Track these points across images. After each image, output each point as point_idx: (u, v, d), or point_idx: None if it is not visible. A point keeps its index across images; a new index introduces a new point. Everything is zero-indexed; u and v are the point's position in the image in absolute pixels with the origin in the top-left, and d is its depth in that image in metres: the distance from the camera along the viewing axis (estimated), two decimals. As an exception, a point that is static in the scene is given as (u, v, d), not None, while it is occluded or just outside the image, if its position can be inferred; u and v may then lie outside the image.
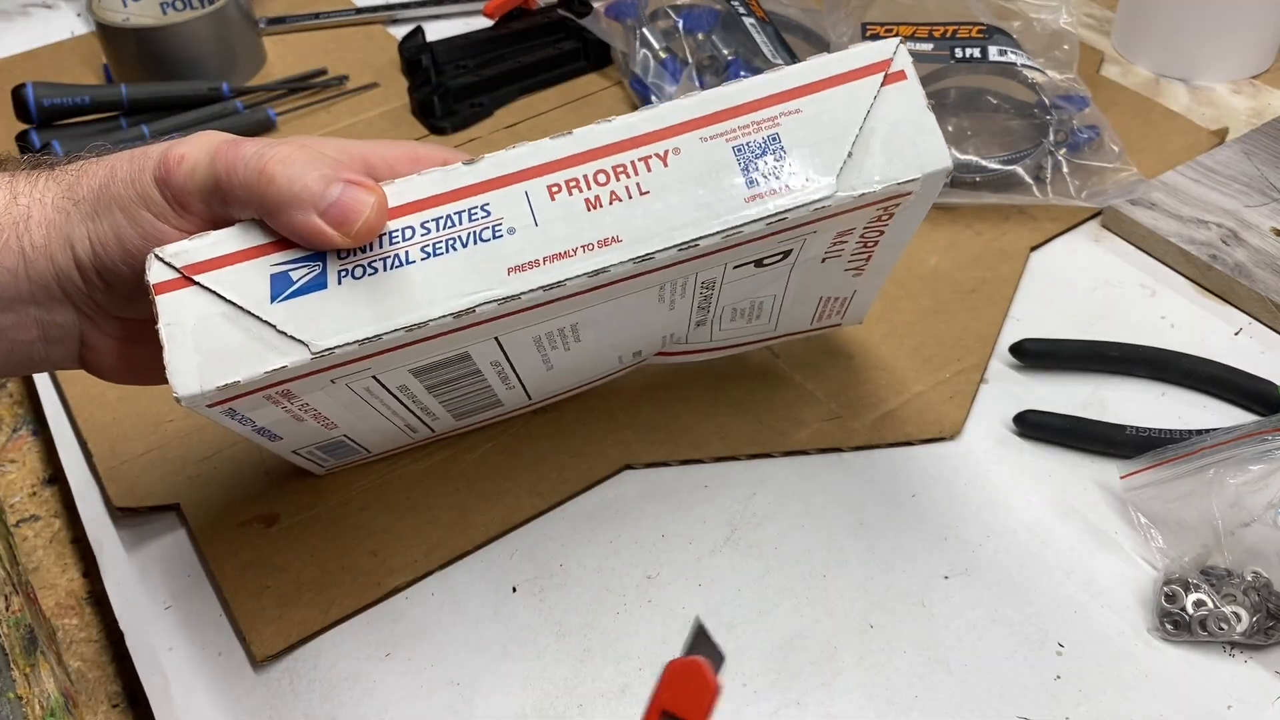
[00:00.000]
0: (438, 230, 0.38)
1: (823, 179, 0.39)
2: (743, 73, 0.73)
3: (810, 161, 0.39)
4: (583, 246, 0.38)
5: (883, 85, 0.40)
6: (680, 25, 0.76)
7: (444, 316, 0.37)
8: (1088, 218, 0.66)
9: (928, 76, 0.70)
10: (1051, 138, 0.66)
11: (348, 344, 0.37)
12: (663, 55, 0.76)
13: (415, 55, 0.82)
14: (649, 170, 0.39)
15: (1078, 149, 0.67)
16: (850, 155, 0.39)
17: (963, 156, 0.67)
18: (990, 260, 0.64)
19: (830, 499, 0.52)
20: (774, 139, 0.39)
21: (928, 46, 0.70)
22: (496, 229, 0.38)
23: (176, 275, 0.37)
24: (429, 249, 0.38)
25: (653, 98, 0.75)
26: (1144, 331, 0.59)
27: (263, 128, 0.78)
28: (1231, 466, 0.47)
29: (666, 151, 0.39)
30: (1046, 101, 0.68)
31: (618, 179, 0.39)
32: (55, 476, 0.59)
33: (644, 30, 0.77)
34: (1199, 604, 0.45)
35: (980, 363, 0.57)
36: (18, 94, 0.75)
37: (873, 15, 0.73)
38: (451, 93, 0.78)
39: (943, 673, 0.45)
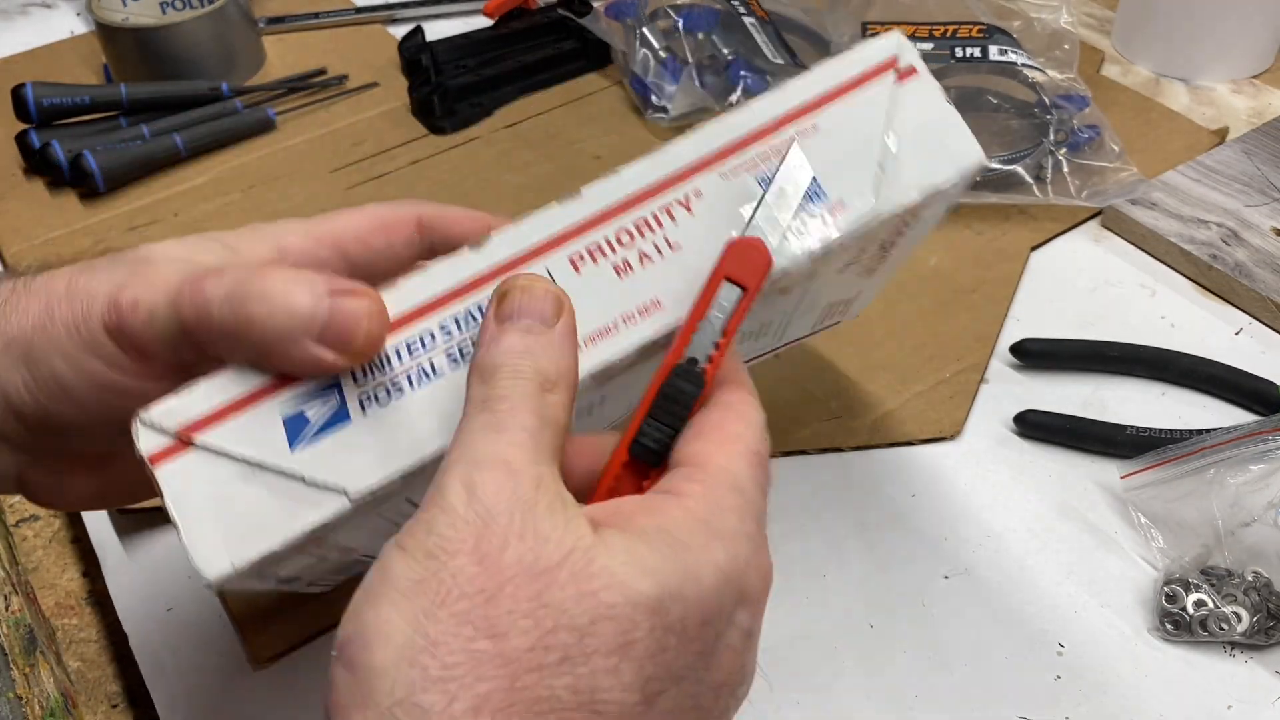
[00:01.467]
0: (460, 331, 0.34)
1: (859, 199, 0.36)
2: (743, 73, 0.73)
3: (841, 182, 0.36)
4: (622, 318, 0.35)
5: (896, 85, 0.38)
6: (680, 25, 0.76)
7: None
8: (1088, 217, 0.66)
9: (928, 76, 0.70)
10: (1052, 137, 0.66)
11: (390, 481, 0.33)
12: (663, 55, 0.76)
13: (415, 55, 0.82)
14: (673, 220, 0.36)
15: (1078, 149, 0.67)
16: (881, 168, 0.37)
17: (963, 156, 0.67)
18: (990, 260, 0.64)
19: (830, 499, 0.52)
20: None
21: (928, 46, 0.70)
22: None
23: (171, 440, 0.32)
24: (454, 354, 0.34)
25: (653, 97, 0.75)
26: (1144, 331, 0.59)
27: (263, 127, 0.78)
28: (1232, 466, 0.47)
29: (687, 197, 0.36)
30: (1047, 101, 0.68)
31: (643, 236, 0.35)
32: (55, 476, 0.59)
33: (644, 30, 0.77)
34: (1199, 604, 0.45)
35: (980, 362, 0.57)
36: (17, 94, 0.75)
37: (873, 15, 0.73)
38: (451, 92, 0.78)
39: (943, 673, 0.45)
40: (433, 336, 0.34)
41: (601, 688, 0.24)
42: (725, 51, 0.75)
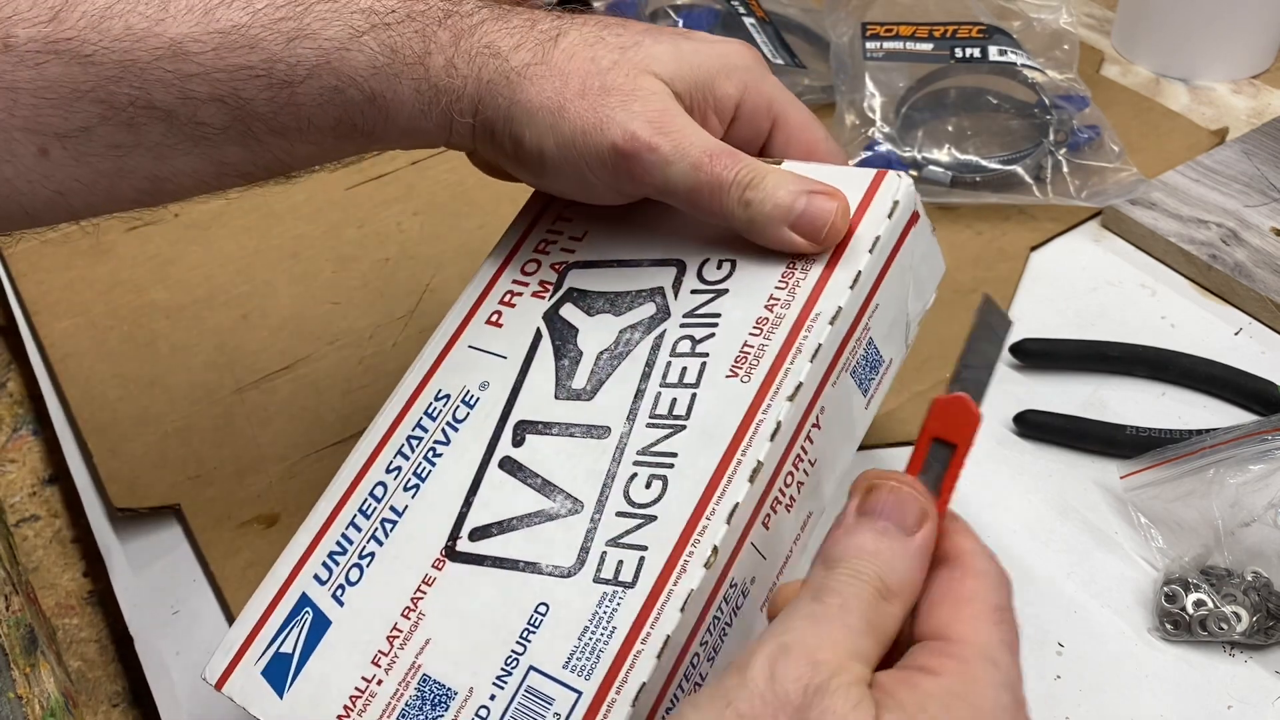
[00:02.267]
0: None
1: (897, 355, 0.42)
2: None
3: (888, 344, 0.41)
4: (793, 543, 0.38)
5: (912, 239, 0.41)
6: (680, 25, 0.76)
7: None
8: (1088, 218, 0.66)
9: (928, 76, 0.70)
10: (1051, 138, 0.66)
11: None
12: (663, 55, 0.76)
13: (415, 55, 0.82)
14: (812, 442, 0.38)
15: (1078, 149, 0.67)
16: (908, 326, 0.43)
17: (963, 156, 0.67)
18: (990, 260, 0.64)
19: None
20: (870, 343, 0.40)
21: (928, 46, 0.70)
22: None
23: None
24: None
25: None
26: (1144, 331, 0.59)
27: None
28: (1231, 466, 0.47)
29: (818, 418, 0.37)
30: (1046, 101, 0.68)
31: (798, 470, 0.37)
32: (55, 476, 0.59)
33: (644, 30, 0.77)
34: (1199, 604, 0.45)
35: (980, 363, 0.57)
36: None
37: (873, 15, 0.73)
38: (452, 93, 0.78)
39: (943, 673, 0.45)
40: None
41: None
42: (725, 52, 0.75)
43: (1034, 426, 0.53)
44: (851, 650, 0.28)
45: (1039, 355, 0.57)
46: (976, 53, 0.69)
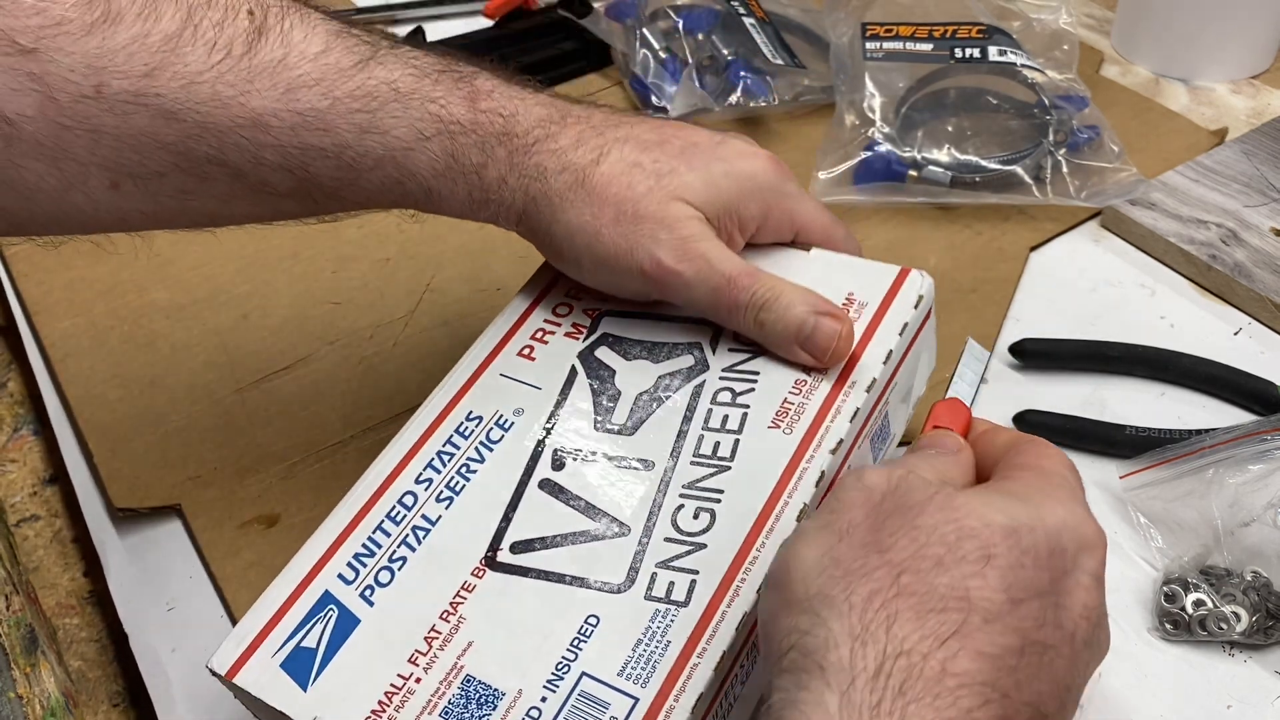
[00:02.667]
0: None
1: (899, 428, 0.46)
2: (743, 73, 0.73)
3: (895, 419, 0.45)
4: None
5: (925, 325, 0.46)
6: (680, 25, 0.76)
7: None
8: (1087, 218, 0.66)
9: (927, 77, 0.70)
10: (1051, 138, 0.66)
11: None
12: (663, 55, 0.76)
13: (415, 55, 0.82)
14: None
15: (1077, 149, 0.67)
16: (909, 404, 0.47)
17: (962, 156, 0.67)
18: (990, 260, 0.64)
19: (830, 499, 0.52)
20: (885, 416, 0.44)
21: (928, 46, 0.70)
22: None
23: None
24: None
25: (653, 98, 0.75)
26: (1144, 331, 0.59)
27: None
28: (1231, 466, 0.47)
29: (847, 466, 0.42)
30: (1046, 101, 0.68)
31: None
32: (56, 476, 0.59)
33: (644, 30, 0.77)
34: (1198, 604, 0.45)
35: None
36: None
37: (873, 15, 0.73)
38: (452, 93, 0.78)
39: (942, 672, 0.45)
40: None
41: (972, 587, 0.29)
42: (725, 52, 0.76)
43: (1034, 426, 0.53)
44: (925, 468, 0.35)
45: (1039, 355, 0.57)
46: (976, 53, 0.69)
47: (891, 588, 0.29)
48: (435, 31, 0.86)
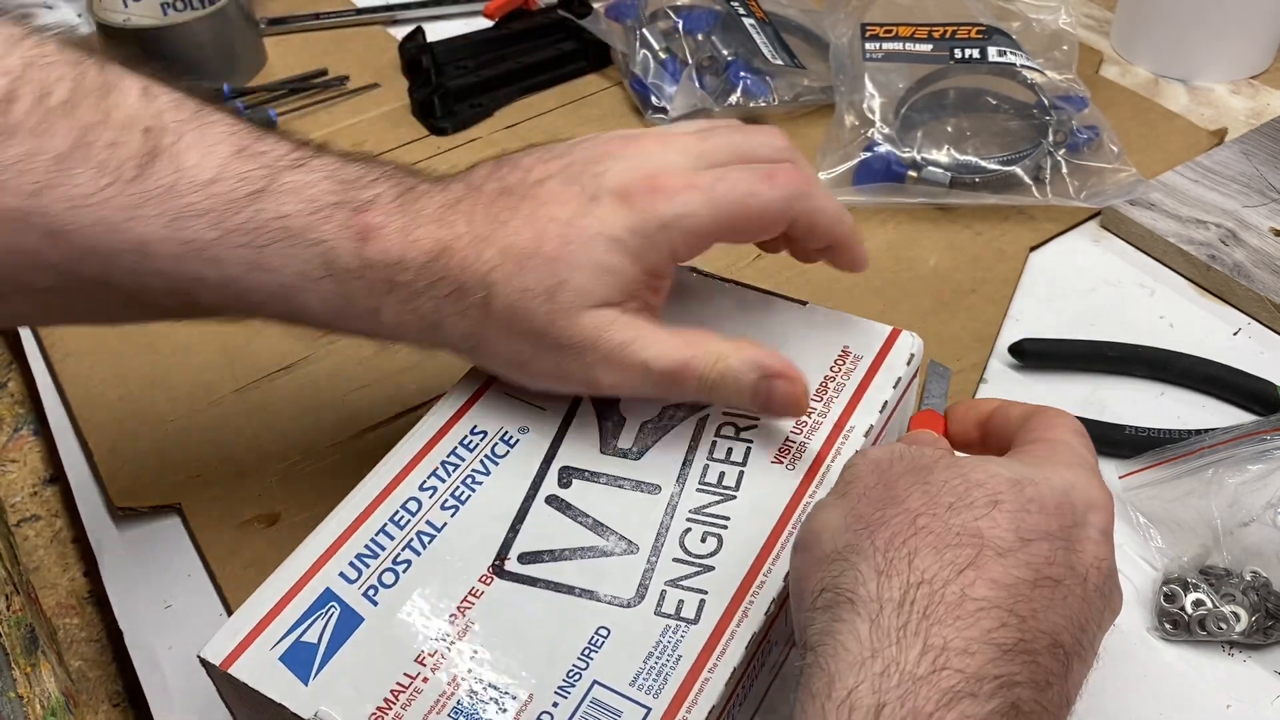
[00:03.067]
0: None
1: None
2: (743, 74, 0.73)
3: None
4: None
5: (913, 383, 0.48)
6: (680, 26, 0.76)
7: None
8: (1087, 218, 0.67)
9: (927, 77, 0.70)
10: (1051, 138, 0.66)
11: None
12: (663, 56, 0.76)
13: (415, 56, 0.82)
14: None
15: (1077, 149, 0.67)
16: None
17: (962, 157, 0.67)
18: (990, 260, 0.64)
19: (830, 499, 0.52)
20: None
21: (927, 47, 0.70)
22: None
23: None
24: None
25: (653, 98, 0.75)
26: (1143, 331, 0.59)
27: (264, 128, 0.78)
28: (1230, 466, 0.47)
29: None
30: (1046, 102, 0.68)
31: None
32: (56, 476, 0.59)
33: (644, 31, 0.77)
34: (1198, 603, 0.45)
35: (979, 363, 0.58)
36: (18, 94, 0.75)
37: (872, 16, 0.73)
38: (451, 93, 0.78)
39: (942, 672, 0.45)
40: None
41: (984, 526, 0.31)
42: (725, 52, 0.76)
43: (1033, 426, 0.53)
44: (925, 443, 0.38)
45: (1038, 355, 0.57)
46: (976, 53, 0.69)
47: (909, 528, 0.32)
48: (435, 32, 0.86)
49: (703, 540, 0.40)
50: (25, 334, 0.63)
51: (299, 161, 0.40)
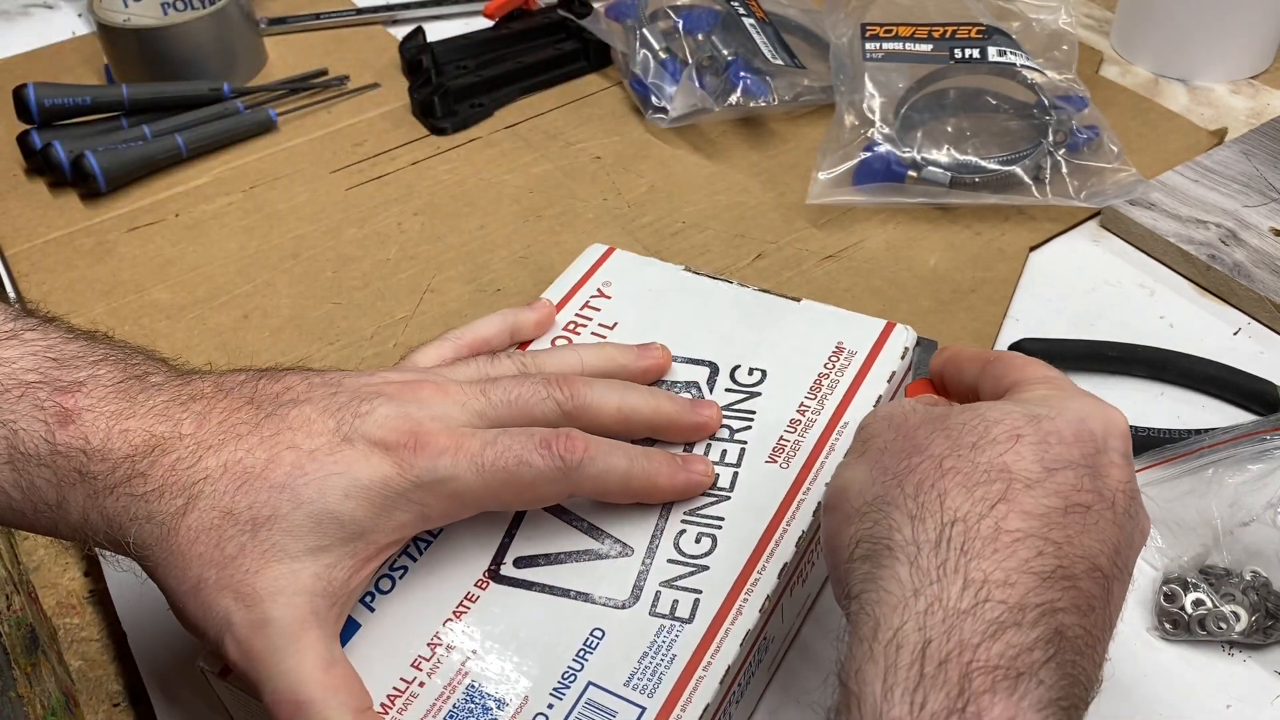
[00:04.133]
0: None
1: None
2: (743, 74, 0.73)
3: None
4: (805, 602, 0.45)
5: (905, 378, 0.48)
6: (680, 26, 0.76)
7: None
8: (1087, 218, 0.67)
9: (927, 77, 0.70)
10: (1050, 138, 0.66)
11: None
12: (663, 55, 0.76)
13: (415, 56, 0.82)
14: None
15: (1077, 149, 0.67)
16: None
17: (962, 157, 0.67)
18: (989, 260, 0.64)
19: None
20: None
21: (927, 47, 0.70)
22: None
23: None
24: None
25: (653, 98, 0.75)
26: (1143, 331, 0.59)
27: (264, 128, 0.78)
28: (1230, 466, 0.47)
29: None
30: (1046, 102, 0.68)
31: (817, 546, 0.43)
32: (56, 476, 0.59)
33: (644, 31, 0.77)
34: (1198, 603, 0.45)
35: (979, 363, 0.58)
36: (19, 94, 0.75)
37: (872, 16, 0.73)
38: (452, 93, 0.78)
39: (942, 672, 0.45)
40: None
41: (1009, 462, 0.32)
42: (725, 52, 0.76)
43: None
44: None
45: (1038, 355, 0.57)
46: (976, 53, 0.69)
47: (936, 471, 0.32)
48: (435, 32, 0.86)
49: (697, 541, 0.40)
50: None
51: (8, 335, 0.37)
